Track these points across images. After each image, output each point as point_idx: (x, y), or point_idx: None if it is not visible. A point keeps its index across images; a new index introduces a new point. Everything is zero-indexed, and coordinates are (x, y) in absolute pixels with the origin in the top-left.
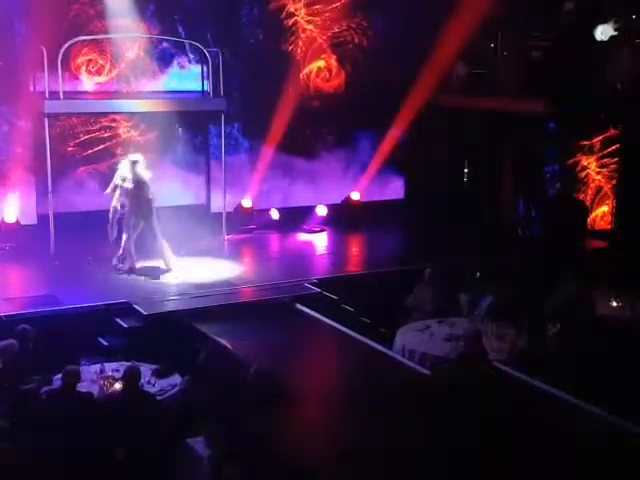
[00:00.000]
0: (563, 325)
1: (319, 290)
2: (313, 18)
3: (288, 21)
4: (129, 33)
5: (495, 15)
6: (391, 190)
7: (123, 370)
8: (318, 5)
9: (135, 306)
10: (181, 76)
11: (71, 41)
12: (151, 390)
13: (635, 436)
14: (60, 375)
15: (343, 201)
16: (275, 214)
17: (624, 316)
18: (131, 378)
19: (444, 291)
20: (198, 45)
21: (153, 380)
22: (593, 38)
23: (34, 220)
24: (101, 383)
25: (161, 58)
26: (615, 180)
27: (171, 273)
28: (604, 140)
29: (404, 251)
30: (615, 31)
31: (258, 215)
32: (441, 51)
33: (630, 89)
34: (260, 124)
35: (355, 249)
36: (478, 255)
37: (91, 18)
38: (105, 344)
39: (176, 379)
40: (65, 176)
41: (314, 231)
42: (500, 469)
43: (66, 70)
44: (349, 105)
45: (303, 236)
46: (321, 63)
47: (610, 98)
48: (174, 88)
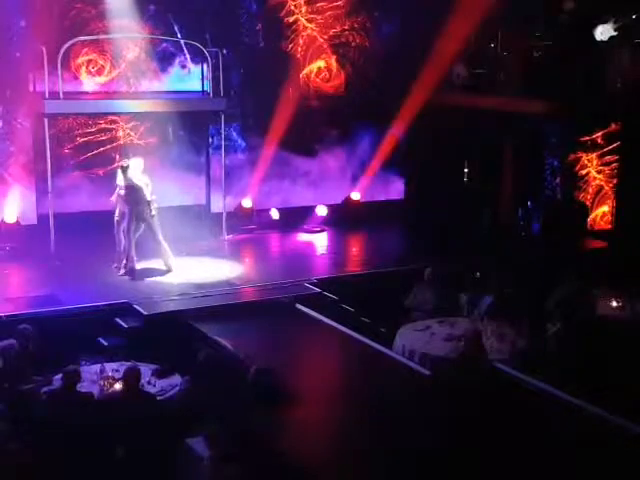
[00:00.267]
0: (563, 325)
1: (319, 290)
2: (315, 16)
3: (288, 20)
4: (129, 33)
5: (495, 15)
6: (391, 190)
7: (123, 370)
8: (319, 5)
9: (135, 306)
10: (181, 76)
11: (71, 41)
12: (151, 390)
13: (635, 436)
14: (60, 375)
15: (343, 201)
16: (275, 214)
17: (624, 316)
18: (131, 378)
19: (444, 291)
20: (198, 45)
21: (153, 380)
22: (593, 38)
23: (34, 220)
24: (101, 383)
25: (161, 58)
26: (615, 180)
27: (171, 273)
28: (604, 140)
29: (404, 251)
30: (615, 31)
31: (258, 215)
32: (441, 51)
33: (630, 89)
34: (260, 124)
35: (355, 249)
36: (478, 255)
37: (91, 18)
38: (105, 344)
39: (176, 379)
40: (65, 176)
41: (314, 231)
42: (500, 469)
43: (66, 70)
44: (349, 105)
45: (303, 236)
46: (321, 63)
47: (610, 98)
48: (174, 88)
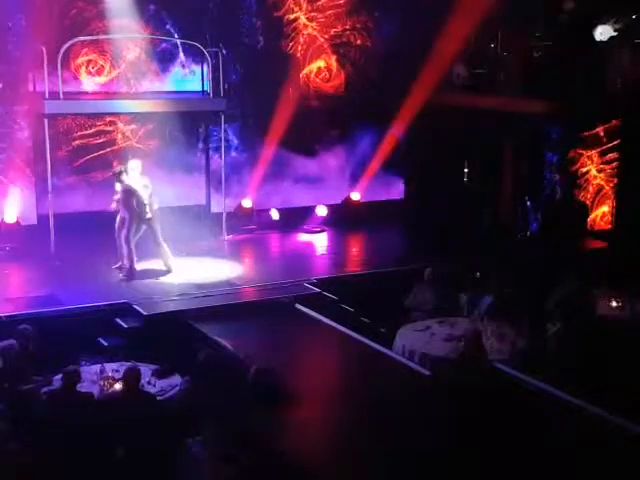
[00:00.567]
0: (563, 325)
1: (319, 290)
2: (315, 14)
3: (288, 20)
4: (129, 34)
5: (495, 15)
6: (391, 190)
7: (123, 370)
8: (319, 4)
9: (135, 306)
10: (182, 77)
11: (71, 41)
12: (151, 390)
13: (635, 436)
14: (60, 375)
15: (343, 201)
16: (275, 214)
17: (624, 316)
18: (131, 378)
19: (444, 291)
20: (198, 45)
21: (153, 380)
22: (593, 38)
23: (34, 220)
24: (101, 383)
25: (161, 59)
26: (615, 180)
27: (171, 274)
28: (605, 136)
29: (404, 251)
30: (615, 32)
31: (258, 215)
32: (441, 51)
33: (630, 89)
34: (260, 124)
35: (355, 249)
36: (478, 255)
37: (91, 18)
38: (105, 344)
39: (176, 379)
40: (64, 177)
41: (314, 231)
42: (500, 469)
43: (66, 70)
44: (349, 105)
45: (303, 236)
46: (321, 63)
47: (610, 98)
48: (175, 89)
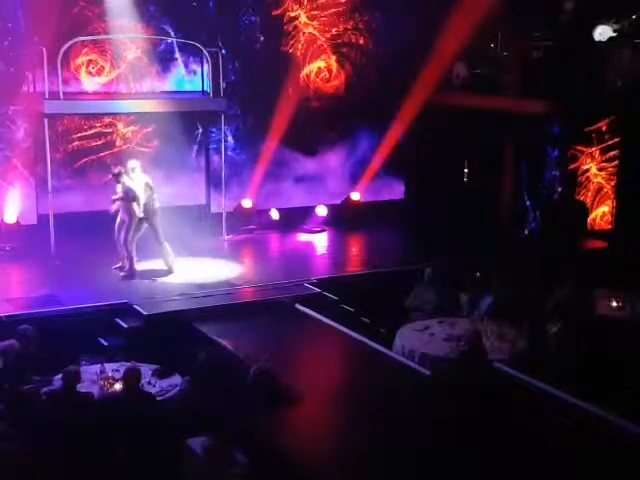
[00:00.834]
0: (563, 325)
1: (319, 290)
2: (316, 12)
3: (289, 19)
4: (129, 34)
5: (495, 15)
6: (391, 190)
7: (123, 371)
8: (319, 3)
9: (135, 306)
10: (182, 77)
11: (71, 41)
12: (151, 390)
13: (635, 436)
14: (60, 375)
15: (343, 201)
16: (275, 214)
17: (624, 316)
18: (131, 379)
19: (444, 291)
20: (197, 45)
21: (153, 380)
22: (593, 38)
23: (34, 220)
24: (101, 384)
25: (161, 59)
26: (615, 180)
27: (172, 274)
28: (607, 132)
29: (404, 251)
30: (614, 32)
31: (258, 215)
32: (441, 51)
33: (630, 89)
34: (260, 124)
35: (355, 249)
36: (478, 255)
37: (91, 18)
38: (105, 344)
39: (176, 379)
40: (64, 177)
41: (314, 231)
42: (500, 469)
43: (66, 70)
44: (349, 105)
45: (303, 236)
46: (321, 63)
47: (610, 98)
48: (174, 89)
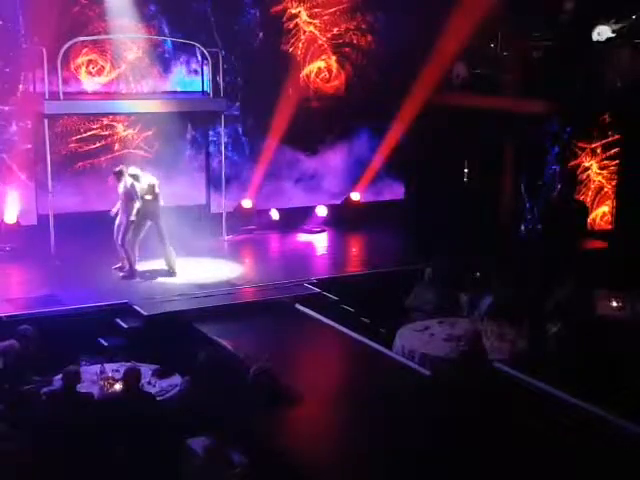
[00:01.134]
0: (563, 325)
1: (319, 290)
2: (317, 10)
3: (289, 18)
4: (129, 34)
5: (495, 15)
6: (391, 190)
7: (123, 371)
8: (319, 2)
9: (135, 307)
10: (182, 77)
11: (71, 41)
12: (151, 391)
13: (635, 436)
14: (60, 376)
15: (343, 201)
16: (275, 214)
17: (624, 316)
18: (131, 379)
19: (444, 291)
20: (197, 45)
21: (153, 381)
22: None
23: (34, 220)
24: (101, 384)
25: (161, 59)
26: (615, 180)
27: (172, 275)
28: (605, 140)
29: (404, 251)
30: (613, 33)
31: (258, 215)
32: (441, 51)
33: (630, 89)
34: (260, 124)
35: (355, 249)
36: (478, 255)
37: (92, 18)
38: (105, 344)
39: (176, 380)
40: (64, 177)
41: (314, 231)
42: (500, 469)
43: (66, 70)
44: (349, 105)
45: (303, 236)
46: (321, 63)
47: (610, 98)
48: (175, 89)
